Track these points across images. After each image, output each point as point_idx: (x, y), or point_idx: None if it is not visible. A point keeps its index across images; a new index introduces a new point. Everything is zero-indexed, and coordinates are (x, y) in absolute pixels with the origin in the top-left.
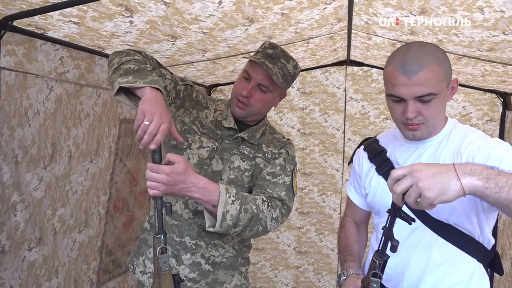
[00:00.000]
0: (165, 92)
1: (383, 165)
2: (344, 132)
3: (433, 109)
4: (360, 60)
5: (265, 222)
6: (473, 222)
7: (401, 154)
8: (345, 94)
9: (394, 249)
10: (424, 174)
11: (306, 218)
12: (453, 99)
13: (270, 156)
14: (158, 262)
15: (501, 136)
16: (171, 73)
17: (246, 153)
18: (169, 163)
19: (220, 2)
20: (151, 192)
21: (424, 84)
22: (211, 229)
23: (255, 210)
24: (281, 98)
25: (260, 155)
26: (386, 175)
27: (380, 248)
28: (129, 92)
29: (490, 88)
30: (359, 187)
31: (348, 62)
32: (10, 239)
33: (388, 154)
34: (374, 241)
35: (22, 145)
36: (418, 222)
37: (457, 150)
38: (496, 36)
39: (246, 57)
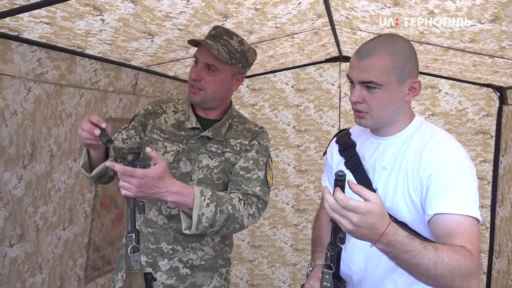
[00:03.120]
0: (126, 141)
1: (351, 159)
2: (339, 129)
3: (377, 100)
4: None
5: (242, 221)
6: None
7: (367, 149)
8: (340, 91)
9: (341, 241)
10: (364, 221)
11: (303, 215)
12: (448, 94)
13: (239, 148)
14: (129, 261)
15: (498, 131)
16: (116, 131)
17: (214, 150)
18: (146, 161)
19: None
20: (123, 192)
21: (368, 71)
22: (187, 232)
23: (231, 210)
24: (238, 80)
25: (228, 149)
26: (353, 170)
27: (331, 240)
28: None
29: (485, 83)
30: (332, 178)
31: (341, 58)
32: None
33: (357, 148)
34: None
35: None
36: None
37: (419, 153)
38: (474, 25)
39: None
